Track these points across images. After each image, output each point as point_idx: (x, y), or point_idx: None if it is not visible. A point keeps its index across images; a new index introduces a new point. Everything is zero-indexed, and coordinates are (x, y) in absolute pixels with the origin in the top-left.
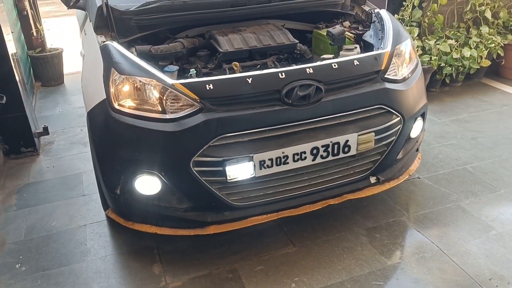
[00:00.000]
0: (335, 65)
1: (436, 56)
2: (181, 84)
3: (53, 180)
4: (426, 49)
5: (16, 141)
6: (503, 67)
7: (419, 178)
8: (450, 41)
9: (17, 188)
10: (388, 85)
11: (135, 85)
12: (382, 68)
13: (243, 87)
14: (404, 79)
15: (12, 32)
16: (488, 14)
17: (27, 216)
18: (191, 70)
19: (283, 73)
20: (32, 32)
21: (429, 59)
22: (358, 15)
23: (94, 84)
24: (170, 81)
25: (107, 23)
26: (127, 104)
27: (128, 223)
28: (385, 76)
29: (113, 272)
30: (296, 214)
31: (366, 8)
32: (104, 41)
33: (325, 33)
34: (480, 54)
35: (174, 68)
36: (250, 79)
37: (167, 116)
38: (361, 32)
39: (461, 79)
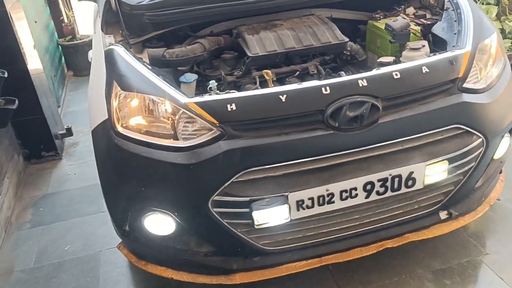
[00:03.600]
0: (396, 74)
1: None
2: (196, 103)
3: (72, 191)
4: (506, 32)
5: (36, 145)
6: None
7: (499, 200)
8: None
9: (34, 200)
10: (467, 98)
11: (141, 104)
12: (460, 75)
13: (275, 107)
14: (488, 87)
15: (36, 22)
16: None
17: (40, 237)
18: (210, 82)
19: (327, 87)
20: (62, 19)
21: (510, 44)
22: None
23: (98, 98)
24: (182, 99)
25: (118, 19)
26: (131, 127)
27: (141, 263)
28: (464, 85)
29: None
30: (343, 260)
31: None
32: (111, 44)
33: (383, 26)
34: None
35: (192, 77)
36: (284, 96)
37: (179, 144)
38: (429, 23)
39: None
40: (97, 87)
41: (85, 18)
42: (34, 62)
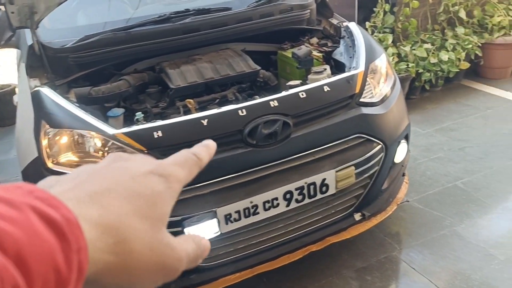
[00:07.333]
0: (302, 94)
1: (413, 62)
2: (124, 134)
3: None
4: (402, 56)
5: None
6: (483, 67)
7: (408, 201)
8: (426, 45)
9: None
10: (365, 110)
11: (70, 139)
12: (357, 91)
13: (198, 131)
14: (382, 101)
15: None
16: (462, 14)
17: None
18: (137, 114)
19: (243, 110)
20: None
21: (406, 66)
22: (326, 30)
23: (26, 139)
24: (111, 131)
25: (42, 63)
26: (62, 162)
27: None
28: (361, 100)
29: None
30: (274, 267)
31: (334, 21)
32: (37, 86)
33: (290, 55)
34: (458, 57)
35: (119, 111)
36: (206, 120)
37: None
38: (330, 49)
39: (441, 84)
40: (25, 129)
41: (4, 68)
42: None
